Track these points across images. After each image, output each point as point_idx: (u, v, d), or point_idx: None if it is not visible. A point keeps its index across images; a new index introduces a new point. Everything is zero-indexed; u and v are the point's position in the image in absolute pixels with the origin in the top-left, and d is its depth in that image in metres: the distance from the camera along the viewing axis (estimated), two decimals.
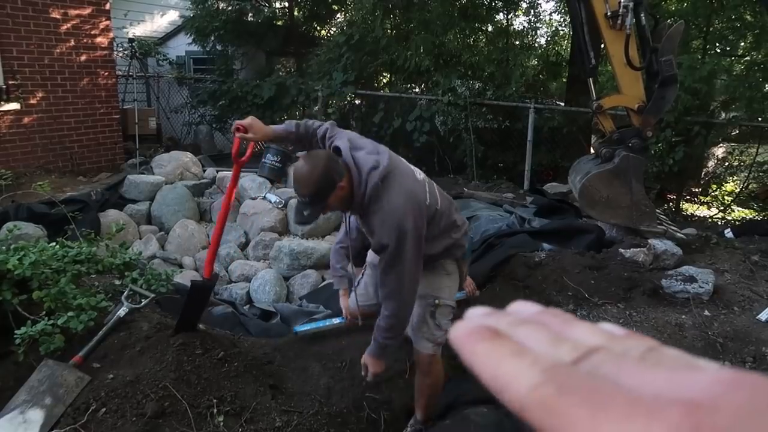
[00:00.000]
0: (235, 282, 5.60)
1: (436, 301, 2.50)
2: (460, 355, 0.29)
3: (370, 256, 2.76)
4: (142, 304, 3.04)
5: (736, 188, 9.13)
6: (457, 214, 2.54)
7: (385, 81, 10.13)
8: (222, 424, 2.48)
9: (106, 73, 7.80)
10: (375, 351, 2.44)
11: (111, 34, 7.89)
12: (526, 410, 0.25)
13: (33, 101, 7.01)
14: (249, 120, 2.46)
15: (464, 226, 2.57)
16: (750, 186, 8.57)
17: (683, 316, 3.39)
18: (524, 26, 11.23)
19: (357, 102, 9.54)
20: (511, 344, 0.28)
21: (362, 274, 2.91)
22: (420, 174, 2.40)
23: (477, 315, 0.32)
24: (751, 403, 0.22)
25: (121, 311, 2.93)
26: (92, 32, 7.52)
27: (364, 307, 2.83)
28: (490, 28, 10.45)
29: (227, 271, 5.70)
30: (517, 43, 10.27)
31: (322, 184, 2.13)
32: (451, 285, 2.56)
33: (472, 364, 0.28)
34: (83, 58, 7.47)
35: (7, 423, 2.36)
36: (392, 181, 2.19)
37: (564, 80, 9.88)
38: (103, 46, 7.70)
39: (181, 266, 5.78)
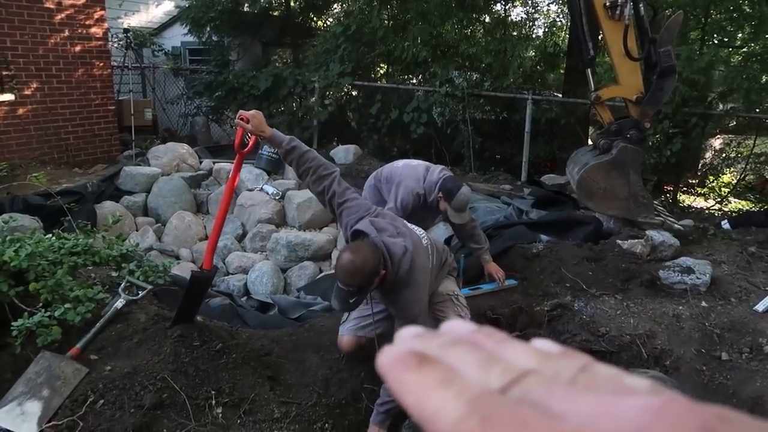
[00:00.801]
0: (232, 274, 5.59)
1: (456, 293, 2.97)
2: (387, 384, 0.28)
3: None
4: (140, 295, 3.03)
5: (733, 179, 9.14)
6: (446, 255, 3.02)
7: (382, 72, 10.08)
8: (220, 415, 2.48)
9: (101, 64, 7.74)
10: (381, 420, 2.73)
11: (106, 25, 7.82)
12: None
13: (27, 92, 6.95)
14: (253, 112, 2.58)
15: (451, 258, 3.09)
16: (747, 177, 8.58)
17: (680, 307, 3.39)
18: (522, 17, 11.18)
19: (354, 93, 9.50)
20: (438, 371, 0.27)
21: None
22: (424, 239, 2.72)
23: (407, 337, 0.31)
24: None
25: (119, 303, 2.92)
26: (87, 22, 7.46)
27: (361, 337, 2.94)
28: (487, 19, 10.39)
29: (224, 263, 5.69)
30: (515, 34, 10.22)
31: (371, 276, 2.35)
32: (457, 290, 3.08)
33: (399, 394, 0.27)
34: (78, 48, 7.41)
35: (5, 415, 2.35)
36: (416, 262, 2.48)
37: (562, 71, 9.85)
38: (97, 36, 7.63)
39: (178, 258, 5.77)
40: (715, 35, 8.72)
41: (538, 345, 0.30)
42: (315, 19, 11.59)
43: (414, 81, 9.30)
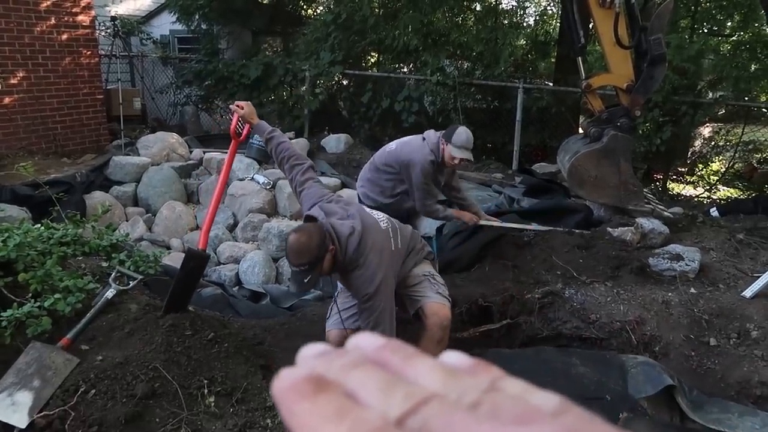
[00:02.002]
0: (223, 264, 5.58)
1: (432, 273, 2.94)
2: (279, 413, 0.26)
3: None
4: (130, 285, 3.02)
5: (722, 167, 9.21)
6: (417, 240, 3.01)
7: (373, 61, 10.03)
8: (213, 404, 2.48)
9: (89, 53, 7.64)
10: None
11: (93, 12, 7.71)
12: None
13: (13, 81, 6.86)
14: (246, 102, 2.93)
15: (423, 243, 3.08)
16: (735, 165, 8.65)
17: (670, 294, 3.43)
18: (513, 5, 11.15)
19: (345, 82, 9.45)
20: (334, 401, 0.25)
21: (335, 299, 3.05)
22: (383, 222, 2.75)
23: (309, 357, 0.29)
24: None
25: (109, 293, 2.91)
26: (73, 10, 7.35)
27: (347, 329, 2.93)
28: (478, 7, 10.36)
29: (216, 253, 5.68)
30: (506, 22, 10.19)
31: (319, 252, 2.43)
32: (436, 273, 3.02)
33: (289, 426, 0.25)
34: (65, 36, 7.30)
35: None
36: (366, 242, 2.55)
37: (553, 60, 9.84)
38: (84, 24, 7.53)
39: (168, 248, 5.75)
40: (705, 23, 8.75)
41: (448, 360, 0.29)
42: (305, 7, 11.49)
43: (405, 70, 9.27)
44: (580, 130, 6.72)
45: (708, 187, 8.63)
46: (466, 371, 0.27)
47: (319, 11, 11.03)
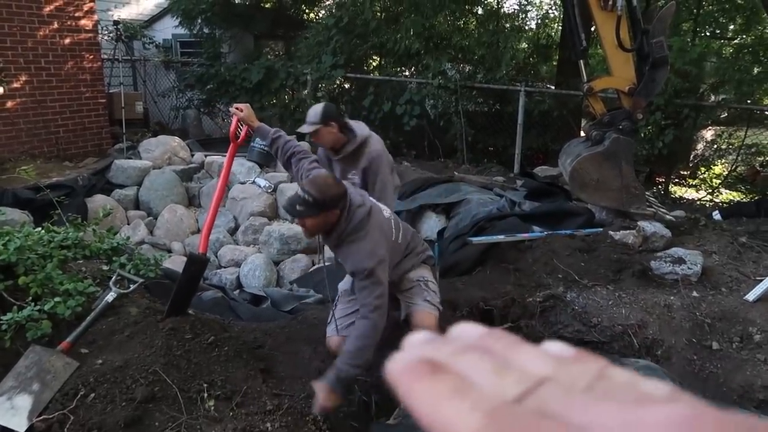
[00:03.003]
0: (224, 267, 5.58)
1: (426, 279, 2.89)
2: (396, 393, 0.27)
3: (343, 284, 3.11)
4: (131, 289, 3.01)
5: (724, 171, 9.19)
6: (418, 242, 3.00)
7: (374, 64, 10.04)
8: (213, 408, 2.47)
9: (91, 57, 7.67)
10: (332, 381, 2.49)
11: (95, 17, 7.74)
12: None
13: (16, 85, 6.88)
14: (246, 105, 2.91)
15: (424, 247, 3.03)
16: (738, 168, 8.62)
17: (672, 297, 3.41)
18: (515, 9, 11.16)
19: (346, 86, 9.46)
20: (451, 381, 0.26)
21: (335, 305, 3.06)
22: (386, 211, 2.79)
23: (416, 344, 0.30)
24: None
25: (110, 296, 2.90)
26: (76, 14, 7.38)
27: (347, 335, 2.90)
28: (480, 11, 10.37)
29: (217, 257, 5.67)
30: (508, 25, 10.19)
31: (328, 200, 2.43)
32: (432, 279, 2.96)
33: (410, 404, 0.26)
34: (67, 41, 7.33)
35: None
36: (372, 218, 2.58)
37: (554, 63, 9.84)
38: (87, 28, 7.56)
39: (170, 251, 5.75)
40: (707, 26, 8.74)
41: (551, 348, 0.29)
42: (307, 11, 11.52)
43: (407, 73, 9.27)
44: (582, 134, 6.72)
45: (710, 191, 8.61)
46: (572, 359, 0.27)
47: (321, 15, 11.06)
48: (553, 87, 9.00)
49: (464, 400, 0.25)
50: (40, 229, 3.30)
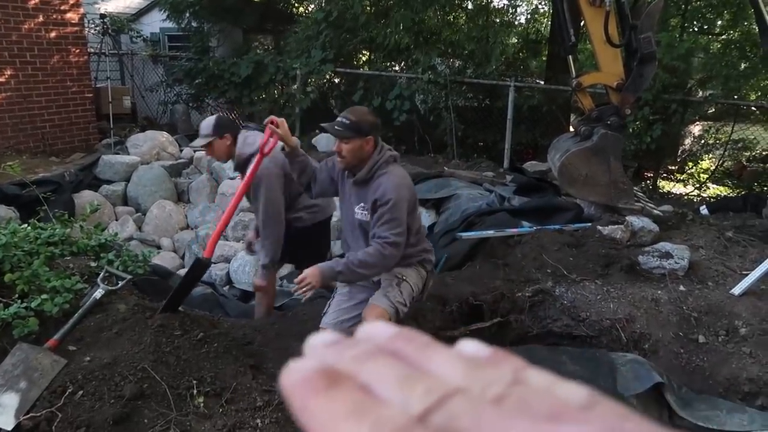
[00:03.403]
0: (214, 263, 5.55)
1: (403, 277, 2.79)
2: (291, 409, 0.25)
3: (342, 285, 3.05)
4: (119, 285, 2.99)
5: (711, 166, 9.27)
6: (425, 239, 2.98)
7: (364, 59, 10.01)
8: (202, 404, 2.47)
9: (78, 50, 7.58)
10: (328, 270, 2.64)
11: (81, 10, 7.66)
12: None
13: (1, 79, 6.80)
14: (282, 120, 2.87)
15: (430, 248, 3.00)
16: (725, 163, 8.70)
17: (659, 292, 3.44)
18: (504, 4, 11.19)
19: (336, 80, 9.43)
20: (350, 397, 0.24)
21: (333, 296, 3.04)
22: None
23: (319, 346, 0.27)
24: None
25: (98, 293, 2.88)
26: (62, 7, 7.29)
27: (342, 331, 2.87)
28: (470, 6, 10.36)
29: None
30: (497, 20, 10.20)
31: (365, 124, 2.61)
32: (417, 282, 2.86)
33: (303, 423, 0.24)
34: (53, 34, 7.24)
35: None
36: (399, 167, 2.73)
37: (544, 58, 9.86)
38: (73, 22, 7.47)
39: (159, 247, 5.72)
40: (695, 22, 8.78)
41: (465, 349, 0.27)
42: (296, 5, 11.45)
43: (396, 68, 9.25)
44: (571, 129, 6.75)
45: (698, 185, 8.68)
46: (486, 361, 0.26)
47: (310, 9, 10.99)
48: (542, 82, 9.02)
49: (362, 423, 0.22)
50: (26, 225, 3.27)
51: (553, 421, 0.22)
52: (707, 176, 8.89)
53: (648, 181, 8.17)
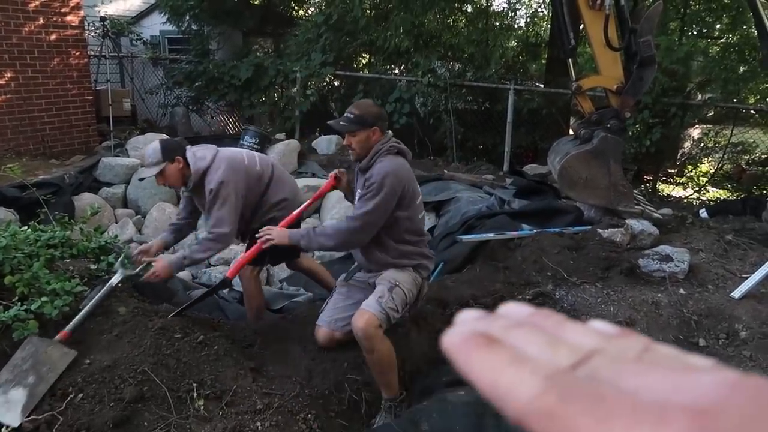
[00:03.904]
0: (214, 266, 5.54)
1: (396, 283, 2.76)
2: (455, 364, 0.28)
3: (341, 277, 3.14)
4: (137, 270, 3.02)
5: (711, 169, 9.28)
6: (427, 245, 3.00)
7: (364, 62, 10.03)
8: (202, 407, 2.46)
9: (78, 53, 7.59)
10: (294, 235, 2.82)
11: (82, 12, 7.66)
12: (529, 420, 0.25)
13: (1, 81, 6.79)
14: (343, 171, 3.09)
15: (430, 255, 3.00)
16: (724, 166, 8.71)
17: (659, 295, 3.44)
18: (504, 7, 11.18)
19: (336, 83, 9.44)
20: (508, 351, 0.27)
21: (331, 295, 3.07)
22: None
23: (469, 319, 0.31)
24: (754, 407, 0.22)
25: (115, 279, 2.88)
26: (62, 10, 7.30)
27: (335, 331, 2.94)
28: (469, 9, 10.38)
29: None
30: (497, 24, 10.23)
31: (369, 116, 2.74)
32: (411, 288, 2.82)
33: (469, 373, 0.27)
34: (53, 37, 7.25)
35: None
36: (402, 159, 2.83)
37: (543, 62, 9.88)
38: (73, 24, 7.48)
39: None
40: (694, 26, 8.81)
41: (597, 326, 0.30)
42: (296, 8, 11.48)
43: (396, 71, 9.27)
44: (571, 132, 6.75)
45: (697, 189, 8.69)
46: (617, 334, 0.29)
47: (310, 12, 11.02)
48: (542, 85, 9.03)
49: (522, 367, 0.26)
50: (26, 227, 3.27)
51: (686, 372, 0.25)
52: (707, 179, 8.90)
53: (648, 184, 8.17)
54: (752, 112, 8.02)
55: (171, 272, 3.13)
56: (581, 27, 4.99)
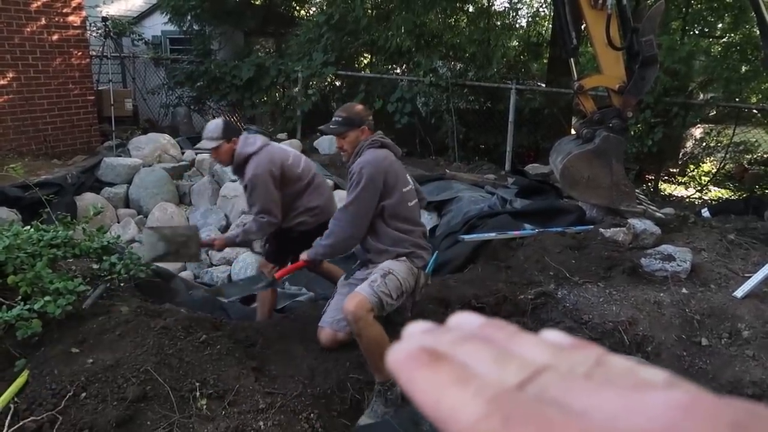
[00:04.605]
0: (216, 265, 5.55)
1: (390, 271, 2.81)
2: (398, 382, 0.27)
3: (343, 277, 3.22)
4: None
5: (713, 168, 9.26)
6: (423, 236, 3.04)
7: (365, 62, 10.02)
8: (205, 407, 2.46)
9: (80, 53, 7.60)
10: (312, 252, 2.99)
11: (83, 13, 7.67)
12: None
13: (3, 82, 6.81)
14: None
15: (425, 246, 3.02)
16: (726, 166, 8.70)
17: (662, 294, 3.44)
18: (505, 6, 11.16)
19: (337, 83, 9.44)
20: (453, 369, 0.26)
21: (332, 295, 3.12)
22: (411, 178, 3.06)
23: (416, 333, 0.30)
24: None
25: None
26: (64, 10, 7.31)
27: (338, 332, 2.96)
28: (471, 8, 10.37)
29: (208, 255, 5.65)
30: (498, 23, 10.21)
31: (355, 116, 2.91)
32: (407, 277, 2.85)
33: (412, 392, 0.26)
34: (55, 37, 7.26)
35: None
36: (386, 151, 2.91)
37: (545, 61, 9.87)
38: (75, 24, 7.49)
39: None
40: (696, 25, 8.80)
41: (549, 337, 0.29)
42: (297, 8, 11.47)
43: (398, 71, 9.27)
44: (573, 131, 6.75)
45: (699, 188, 8.67)
46: (570, 347, 0.28)
47: (311, 12, 11.02)
48: (543, 85, 9.03)
49: (466, 388, 0.25)
50: (29, 227, 3.27)
51: (637, 390, 0.24)
52: (709, 179, 8.89)
53: (649, 184, 8.16)
54: (754, 111, 8.00)
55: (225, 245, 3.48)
56: (583, 26, 4.99)
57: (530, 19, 11.51)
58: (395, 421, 2.55)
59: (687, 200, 7.73)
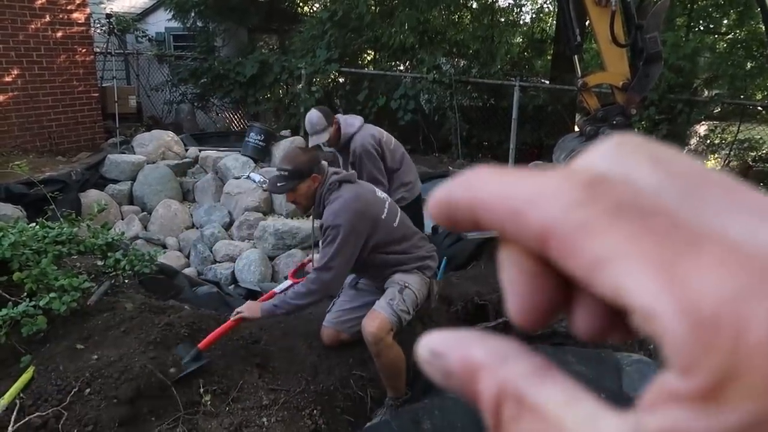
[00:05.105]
0: (219, 262, 5.57)
1: (406, 285, 2.73)
2: (449, 202, 0.21)
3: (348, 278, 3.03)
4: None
5: (717, 166, 9.24)
6: (423, 242, 2.90)
7: (369, 58, 10.01)
8: (209, 403, 2.48)
9: (84, 50, 7.62)
10: (267, 308, 2.66)
11: (88, 10, 7.69)
12: (550, 242, 0.18)
13: (8, 79, 6.83)
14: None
15: (431, 254, 2.90)
16: (731, 163, 8.67)
17: None
18: (509, 3, 11.14)
19: (341, 80, 9.44)
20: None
21: (338, 295, 3.06)
22: (381, 193, 2.85)
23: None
24: None
25: None
26: (68, 7, 7.33)
27: (341, 332, 2.93)
28: (474, 5, 10.35)
29: (211, 252, 5.67)
30: (502, 20, 10.18)
31: (302, 166, 2.61)
32: (421, 288, 2.79)
33: (470, 192, 0.21)
34: (59, 34, 7.28)
35: None
36: (351, 188, 2.65)
37: (549, 58, 9.85)
38: (79, 21, 7.51)
39: (164, 246, 5.74)
40: (701, 21, 8.77)
41: None
42: (301, 4, 11.46)
43: (401, 67, 9.26)
44: (576, 128, 6.73)
45: None
46: None
47: (315, 9, 11.01)
48: (547, 82, 9.01)
49: (553, 174, 0.19)
50: (34, 224, 3.29)
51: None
52: None
53: None
54: (759, 108, 7.97)
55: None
56: (587, 23, 4.97)
57: (534, 16, 11.47)
58: (395, 423, 2.56)
59: None
